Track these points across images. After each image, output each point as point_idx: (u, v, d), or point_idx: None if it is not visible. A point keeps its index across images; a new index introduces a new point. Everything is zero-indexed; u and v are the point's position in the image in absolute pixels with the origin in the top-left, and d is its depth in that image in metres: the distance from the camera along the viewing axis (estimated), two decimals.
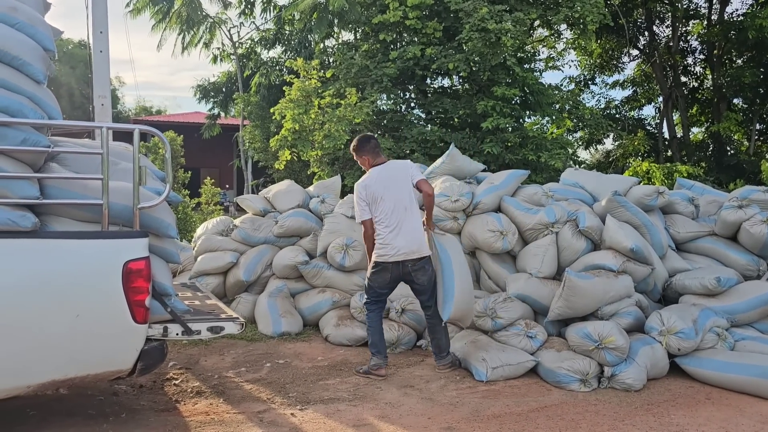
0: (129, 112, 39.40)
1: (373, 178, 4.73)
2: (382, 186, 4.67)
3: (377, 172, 4.76)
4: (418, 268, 4.67)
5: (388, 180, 4.70)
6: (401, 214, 4.65)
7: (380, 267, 4.70)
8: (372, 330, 4.81)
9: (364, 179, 4.79)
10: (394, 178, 4.72)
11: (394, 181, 4.71)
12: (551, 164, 12.26)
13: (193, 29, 18.00)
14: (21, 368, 3.09)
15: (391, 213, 4.64)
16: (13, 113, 3.14)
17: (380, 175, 4.73)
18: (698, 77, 21.47)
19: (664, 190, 5.90)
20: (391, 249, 4.62)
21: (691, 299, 5.15)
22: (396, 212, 4.64)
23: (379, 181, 4.69)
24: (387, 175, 4.73)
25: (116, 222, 3.37)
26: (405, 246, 4.62)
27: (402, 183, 4.73)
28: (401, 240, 4.62)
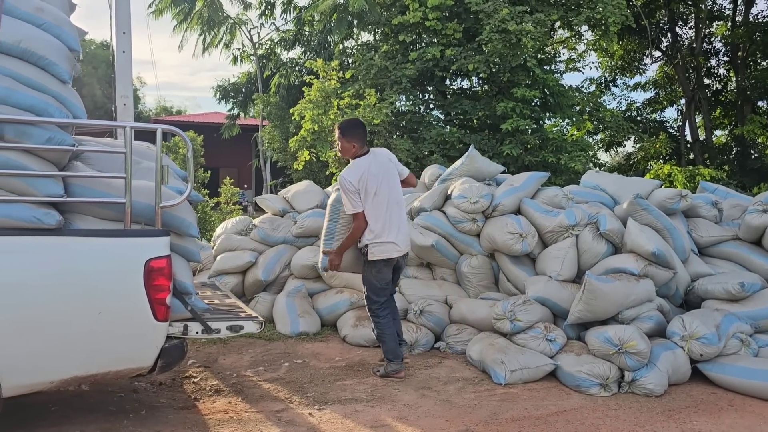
0: (150, 112, 39.82)
1: (364, 169, 4.52)
2: (376, 179, 4.52)
3: (367, 163, 4.56)
4: (404, 263, 4.81)
5: (381, 173, 4.56)
6: (395, 209, 4.60)
7: (384, 264, 4.61)
8: (388, 336, 4.66)
9: (354, 171, 4.53)
10: (386, 171, 4.60)
11: (387, 173, 4.60)
12: (571, 166, 12.16)
13: (213, 30, 18.15)
14: (44, 364, 3.13)
15: (386, 208, 4.54)
16: (38, 112, 3.18)
17: (371, 167, 4.54)
18: (722, 79, 21.19)
19: (687, 194, 5.83)
20: (392, 246, 4.56)
21: (713, 304, 5.07)
22: (390, 207, 4.57)
23: (372, 174, 4.52)
24: (378, 167, 4.57)
25: (138, 220, 3.40)
26: (402, 241, 4.63)
27: (394, 176, 4.65)
28: (400, 236, 4.60)
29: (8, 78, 3.17)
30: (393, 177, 4.65)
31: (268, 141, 16.31)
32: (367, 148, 4.69)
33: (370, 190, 4.50)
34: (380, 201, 4.53)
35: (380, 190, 4.53)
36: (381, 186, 4.54)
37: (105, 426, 3.57)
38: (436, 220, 5.90)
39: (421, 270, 6.17)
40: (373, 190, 4.51)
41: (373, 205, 4.52)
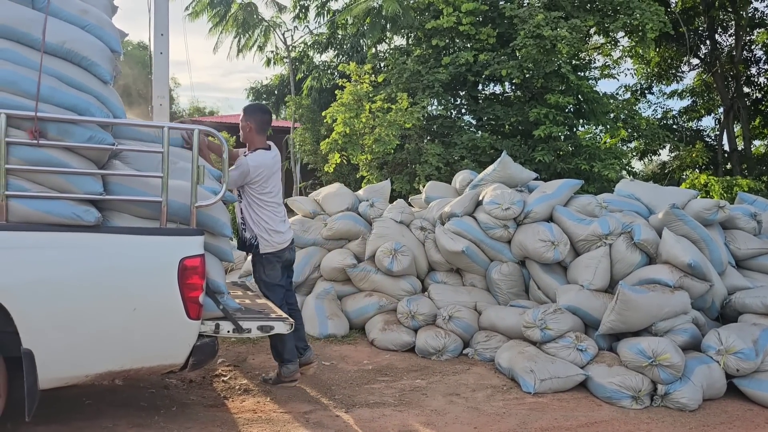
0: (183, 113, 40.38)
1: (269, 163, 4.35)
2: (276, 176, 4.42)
3: (271, 158, 4.40)
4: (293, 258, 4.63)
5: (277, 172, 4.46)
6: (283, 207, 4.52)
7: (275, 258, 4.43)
8: (289, 335, 4.17)
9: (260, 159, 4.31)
10: (279, 173, 4.51)
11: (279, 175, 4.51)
12: (604, 174, 11.97)
13: (248, 32, 18.33)
14: (80, 358, 3.19)
15: (279, 204, 4.44)
16: (81, 111, 3.25)
17: (274, 165, 4.42)
18: (762, 88, 20.65)
19: (725, 205, 5.71)
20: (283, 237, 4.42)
21: (751, 318, 4.95)
22: (281, 204, 4.48)
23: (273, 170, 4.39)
24: (276, 167, 4.45)
25: (174, 219, 3.45)
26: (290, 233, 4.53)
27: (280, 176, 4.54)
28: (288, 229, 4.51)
29: (52, 78, 3.25)
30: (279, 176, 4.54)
31: (300, 143, 16.41)
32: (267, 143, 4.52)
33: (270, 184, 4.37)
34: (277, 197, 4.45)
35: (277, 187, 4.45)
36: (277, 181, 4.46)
37: (137, 421, 3.63)
38: (467, 225, 5.87)
39: (450, 276, 6.15)
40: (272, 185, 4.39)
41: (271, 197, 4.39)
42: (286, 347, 4.38)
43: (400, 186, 12.01)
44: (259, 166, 4.28)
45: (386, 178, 11.41)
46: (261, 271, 4.46)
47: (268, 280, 4.45)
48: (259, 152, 4.38)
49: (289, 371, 4.41)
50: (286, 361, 4.41)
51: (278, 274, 4.47)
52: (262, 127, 4.44)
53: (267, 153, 4.40)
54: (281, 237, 4.41)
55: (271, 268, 4.44)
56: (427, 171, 11.74)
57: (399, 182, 12.08)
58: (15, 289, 3.02)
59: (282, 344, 4.37)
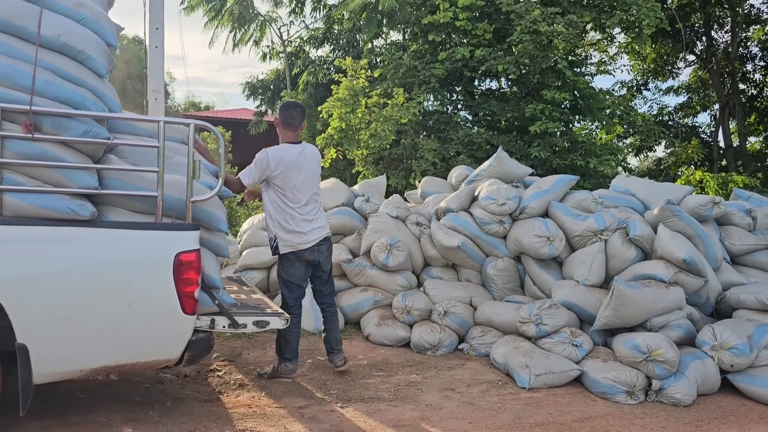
0: (179, 107, 40.25)
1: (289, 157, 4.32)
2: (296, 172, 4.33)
3: (295, 153, 4.36)
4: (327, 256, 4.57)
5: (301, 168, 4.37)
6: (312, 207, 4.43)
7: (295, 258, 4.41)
8: (295, 335, 4.41)
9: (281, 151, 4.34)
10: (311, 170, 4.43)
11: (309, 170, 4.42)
12: (600, 170, 11.99)
13: (244, 27, 18.27)
14: (75, 353, 3.19)
15: (305, 202, 4.38)
16: (76, 105, 3.24)
17: (298, 160, 4.35)
18: (758, 85, 20.69)
19: (720, 201, 5.72)
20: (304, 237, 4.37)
21: (745, 314, 4.97)
22: (308, 203, 4.40)
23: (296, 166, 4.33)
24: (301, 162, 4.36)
25: (169, 214, 3.45)
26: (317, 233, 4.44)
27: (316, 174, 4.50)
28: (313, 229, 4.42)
29: (47, 71, 3.24)
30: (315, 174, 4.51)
31: None
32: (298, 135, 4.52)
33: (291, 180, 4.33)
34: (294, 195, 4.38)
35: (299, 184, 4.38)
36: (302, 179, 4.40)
37: (131, 416, 3.63)
38: (463, 221, 5.88)
39: (446, 271, 6.15)
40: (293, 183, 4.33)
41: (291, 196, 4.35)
42: (290, 346, 4.43)
43: (396, 181, 12.00)
44: (280, 158, 4.27)
45: (382, 173, 11.40)
46: (281, 267, 4.49)
47: (286, 277, 4.47)
48: (282, 145, 4.40)
49: (287, 369, 4.45)
50: (285, 360, 4.44)
51: (299, 273, 4.45)
52: (286, 121, 4.44)
53: (291, 147, 4.39)
54: (301, 238, 4.35)
55: (290, 266, 4.43)
56: (423, 166, 11.73)
57: (395, 177, 12.08)
58: (9, 283, 3.01)
59: (286, 343, 4.42)
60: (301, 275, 4.46)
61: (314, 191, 4.48)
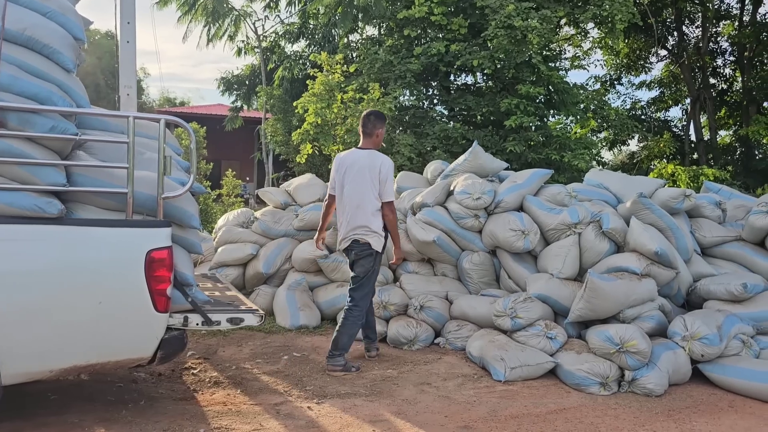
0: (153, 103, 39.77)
1: (339, 160, 4.77)
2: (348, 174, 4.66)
3: (349, 156, 4.76)
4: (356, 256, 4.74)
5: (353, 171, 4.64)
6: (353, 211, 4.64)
7: None
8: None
9: (339, 155, 4.83)
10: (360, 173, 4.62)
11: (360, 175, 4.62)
12: (574, 164, 12.14)
13: (218, 22, 18.10)
14: (44, 353, 3.13)
15: (347, 204, 4.68)
16: (42, 101, 3.17)
17: (346, 161, 4.71)
18: (728, 79, 21.10)
19: (691, 193, 5.81)
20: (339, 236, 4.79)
21: (715, 305, 5.06)
22: (349, 206, 4.65)
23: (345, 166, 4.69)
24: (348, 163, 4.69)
25: (140, 211, 3.39)
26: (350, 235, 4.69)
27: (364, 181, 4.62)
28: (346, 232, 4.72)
29: (12, 66, 3.16)
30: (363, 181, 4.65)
31: (271, 134, 16.29)
32: (373, 141, 4.85)
33: (339, 180, 4.74)
34: (340, 194, 4.76)
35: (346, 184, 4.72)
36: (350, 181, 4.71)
37: (104, 416, 3.57)
38: (438, 215, 5.89)
39: (422, 265, 6.16)
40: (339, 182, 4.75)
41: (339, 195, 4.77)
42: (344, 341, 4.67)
43: None
44: (335, 161, 4.79)
45: None
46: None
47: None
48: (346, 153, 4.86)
49: None
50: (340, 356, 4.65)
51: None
52: (361, 130, 4.86)
53: (350, 151, 4.83)
54: (339, 237, 4.79)
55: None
56: (399, 161, 11.75)
57: None
58: None
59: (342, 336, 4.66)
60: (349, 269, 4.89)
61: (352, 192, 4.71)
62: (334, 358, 4.60)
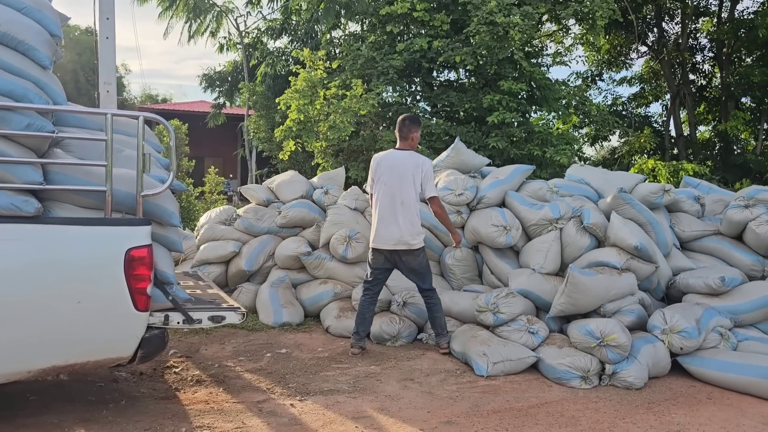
0: (134, 100, 39.34)
1: (378, 158, 5.00)
2: (389, 173, 4.87)
3: (388, 156, 4.99)
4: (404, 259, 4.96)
5: (395, 170, 4.89)
6: (394, 209, 4.84)
7: (373, 250, 4.98)
8: (360, 312, 5.00)
9: (378, 155, 5.06)
10: (402, 172, 4.87)
11: (401, 175, 4.86)
12: (556, 160, 12.20)
13: (199, 17, 17.95)
14: (22, 353, 3.09)
15: (388, 204, 4.85)
16: (18, 98, 3.13)
17: (385, 161, 4.95)
18: (707, 75, 21.32)
19: (670, 188, 5.87)
20: (379, 237, 4.91)
21: (694, 298, 5.13)
22: (391, 205, 4.84)
23: (390, 168, 4.89)
24: (388, 164, 4.93)
25: (119, 209, 3.37)
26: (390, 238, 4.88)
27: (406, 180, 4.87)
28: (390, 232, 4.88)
29: None
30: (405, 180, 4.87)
31: (254, 130, 16.21)
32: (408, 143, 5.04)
33: (381, 179, 4.92)
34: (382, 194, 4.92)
35: (389, 183, 4.91)
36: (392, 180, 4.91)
37: (84, 416, 3.54)
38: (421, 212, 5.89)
39: None
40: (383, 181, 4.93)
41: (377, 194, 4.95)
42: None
43: (356, 173, 11.99)
44: (375, 159, 5.00)
45: (342, 165, 11.36)
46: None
47: (368, 262, 5.04)
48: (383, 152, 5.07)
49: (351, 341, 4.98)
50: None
51: (377, 264, 4.97)
52: (397, 133, 5.06)
53: (389, 152, 5.03)
54: (376, 236, 4.89)
55: (372, 259, 5.00)
56: None
57: (354, 169, 12.06)
58: None
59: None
60: (378, 270, 5.04)
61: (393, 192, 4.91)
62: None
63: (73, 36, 31.52)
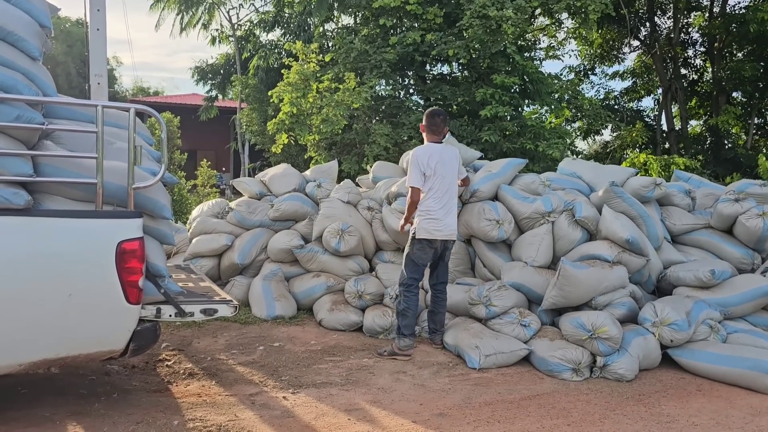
0: (126, 93, 39.13)
1: (436, 153, 4.89)
2: (443, 166, 4.88)
3: (436, 149, 4.92)
4: (450, 248, 5.06)
5: (447, 162, 4.93)
6: (449, 198, 4.92)
7: (427, 243, 4.87)
8: (412, 312, 4.87)
9: (425, 150, 4.93)
10: (451, 164, 4.96)
11: (451, 166, 4.96)
12: (549, 153, 12.22)
13: (191, 10, 17.86)
14: (12, 346, 3.08)
15: (444, 193, 4.88)
16: (7, 89, 3.10)
17: (437, 155, 4.89)
18: (698, 70, 21.38)
19: (662, 182, 5.89)
20: (441, 225, 4.86)
21: (685, 291, 5.16)
22: (447, 194, 4.90)
23: (441, 160, 4.88)
24: (447, 156, 4.95)
25: (110, 202, 3.35)
26: (447, 227, 4.89)
27: (455, 172, 5.03)
28: (448, 221, 4.90)
29: None
30: (454, 171, 5.00)
31: (246, 124, 16.15)
32: (441, 138, 5.03)
33: (437, 171, 4.84)
34: (440, 185, 4.86)
35: (444, 175, 4.88)
36: (445, 172, 4.89)
37: (76, 409, 3.53)
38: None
39: (397, 255, 6.17)
40: (439, 173, 4.85)
41: (434, 186, 4.85)
42: (406, 322, 4.82)
43: (349, 166, 11.97)
44: (422, 153, 4.87)
45: (334, 158, 11.35)
46: (411, 248, 4.91)
47: (414, 259, 4.90)
48: (425, 144, 5.02)
49: (406, 344, 4.80)
50: (402, 336, 4.81)
51: (428, 257, 4.91)
52: (430, 128, 5.01)
53: (430, 146, 4.97)
54: (436, 226, 4.82)
55: (421, 249, 4.87)
56: (375, 151, 11.73)
57: (347, 162, 12.05)
58: None
59: (403, 318, 4.83)
60: (429, 259, 4.94)
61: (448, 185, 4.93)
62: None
63: (63, 28, 31.29)
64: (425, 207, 4.85)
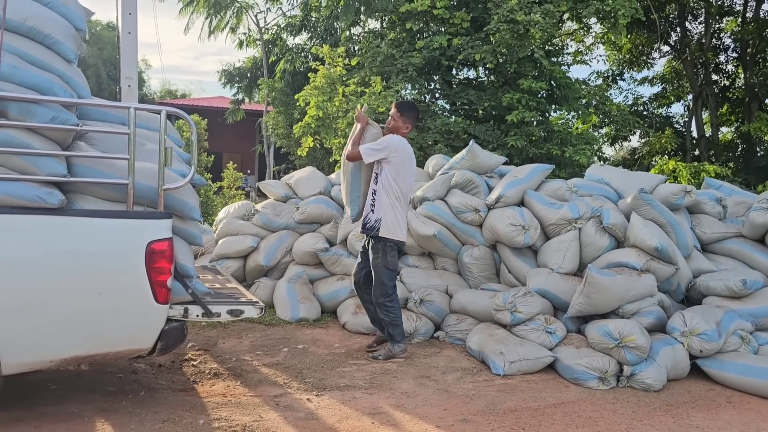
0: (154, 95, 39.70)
1: (408, 151, 4.80)
2: (410, 166, 4.80)
3: (410, 148, 4.84)
4: None
5: (412, 165, 4.87)
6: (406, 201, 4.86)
7: (397, 245, 4.81)
8: (401, 318, 4.83)
9: (403, 143, 4.78)
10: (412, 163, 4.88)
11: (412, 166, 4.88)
12: (575, 159, 12.11)
13: (220, 13, 18.04)
14: (44, 343, 3.14)
15: (407, 195, 4.82)
16: (43, 91, 3.17)
17: (411, 155, 4.83)
18: (730, 76, 21.01)
19: (692, 189, 5.80)
20: (405, 225, 4.84)
21: (715, 301, 5.06)
22: (408, 195, 4.86)
23: (410, 159, 4.80)
24: (412, 158, 4.86)
25: (141, 202, 3.40)
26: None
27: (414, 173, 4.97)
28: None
29: (14, 56, 3.16)
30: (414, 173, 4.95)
31: (272, 127, 16.27)
32: None
33: (408, 172, 4.74)
34: (407, 189, 4.80)
35: (407, 178, 4.77)
36: (410, 174, 4.81)
37: (104, 406, 3.59)
38: (439, 209, 5.89)
39: (422, 259, 6.17)
40: (410, 173, 4.78)
41: (404, 187, 4.74)
42: (397, 329, 4.77)
43: None
44: (402, 148, 4.71)
45: None
46: (383, 257, 4.72)
47: (390, 267, 4.74)
48: (403, 139, 4.82)
49: (400, 349, 4.79)
50: (395, 342, 4.79)
51: (397, 259, 4.85)
52: (413, 122, 4.96)
53: (404, 140, 4.81)
54: (403, 226, 4.77)
55: (392, 255, 4.75)
56: None
57: None
58: None
59: (394, 327, 4.77)
60: (396, 262, 4.85)
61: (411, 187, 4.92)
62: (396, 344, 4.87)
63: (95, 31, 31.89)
64: (394, 210, 4.69)
